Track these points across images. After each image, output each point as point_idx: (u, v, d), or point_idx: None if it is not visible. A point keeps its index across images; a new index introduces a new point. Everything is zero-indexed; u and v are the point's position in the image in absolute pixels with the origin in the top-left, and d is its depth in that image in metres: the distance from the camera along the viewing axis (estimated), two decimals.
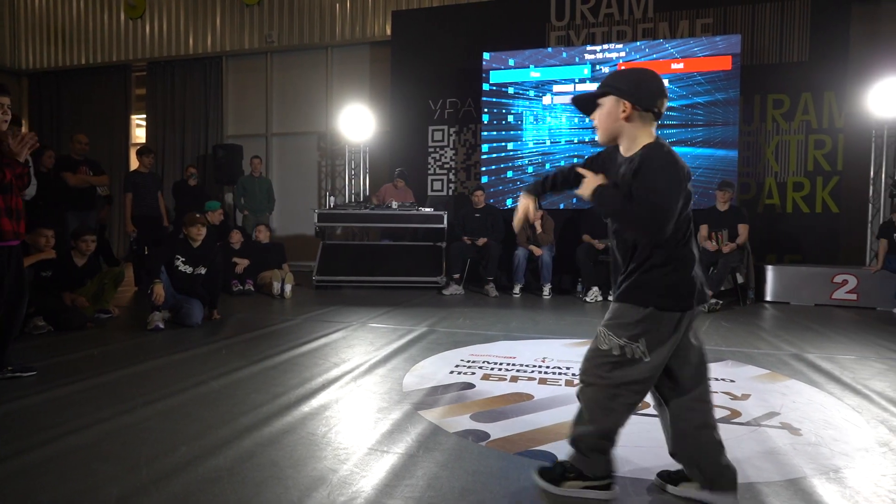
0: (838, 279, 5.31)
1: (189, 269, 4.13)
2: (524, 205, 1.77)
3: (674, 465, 1.63)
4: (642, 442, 1.97)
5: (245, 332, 3.81)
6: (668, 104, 1.55)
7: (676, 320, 1.47)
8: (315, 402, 2.36)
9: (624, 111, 1.47)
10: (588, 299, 5.35)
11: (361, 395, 2.49)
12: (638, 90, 1.47)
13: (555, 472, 1.59)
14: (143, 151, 6.13)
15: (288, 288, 5.44)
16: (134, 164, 9.38)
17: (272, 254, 5.96)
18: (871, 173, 5.97)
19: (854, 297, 5.24)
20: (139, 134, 9.68)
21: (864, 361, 3.20)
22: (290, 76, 8.49)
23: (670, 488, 1.61)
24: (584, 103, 1.59)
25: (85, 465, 1.74)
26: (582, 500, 1.55)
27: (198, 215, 4.19)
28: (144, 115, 9.14)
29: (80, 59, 9.29)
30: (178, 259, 4.10)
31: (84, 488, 1.59)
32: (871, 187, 5.99)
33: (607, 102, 1.51)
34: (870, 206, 6.00)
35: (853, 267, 5.48)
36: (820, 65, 6.10)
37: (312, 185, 8.49)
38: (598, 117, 1.55)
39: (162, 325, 3.83)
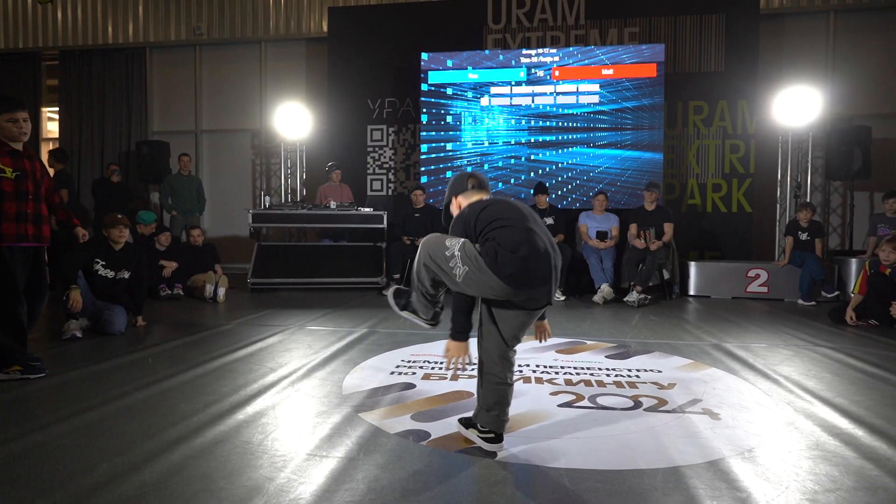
0: (752, 273, 5.74)
1: (111, 274, 3.86)
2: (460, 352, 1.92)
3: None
4: (579, 434, 2.05)
5: (174, 338, 3.62)
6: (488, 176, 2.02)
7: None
8: (250, 409, 2.28)
9: (458, 203, 2.03)
10: None
11: (299, 399, 2.43)
12: (451, 191, 2.06)
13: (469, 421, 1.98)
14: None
15: (221, 291, 5.21)
16: (45, 159, 8.70)
17: (204, 256, 5.67)
18: (779, 176, 6.50)
19: (765, 289, 5.69)
20: (51, 128, 8.95)
21: (774, 349, 3.48)
22: (222, 71, 8.14)
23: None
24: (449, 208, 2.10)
25: None
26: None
27: (119, 216, 3.93)
28: (57, 108, 8.46)
29: None
30: (98, 263, 3.82)
31: None
32: (778, 189, 6.53)
33: (452, 205, 2.08)
34: (777, 206, 6.53)
35: (764, 262, 5.94)
36: (734, 75, 6.57)
37: (246, 185, 8.18)
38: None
39: (79, 334, 3.56)
